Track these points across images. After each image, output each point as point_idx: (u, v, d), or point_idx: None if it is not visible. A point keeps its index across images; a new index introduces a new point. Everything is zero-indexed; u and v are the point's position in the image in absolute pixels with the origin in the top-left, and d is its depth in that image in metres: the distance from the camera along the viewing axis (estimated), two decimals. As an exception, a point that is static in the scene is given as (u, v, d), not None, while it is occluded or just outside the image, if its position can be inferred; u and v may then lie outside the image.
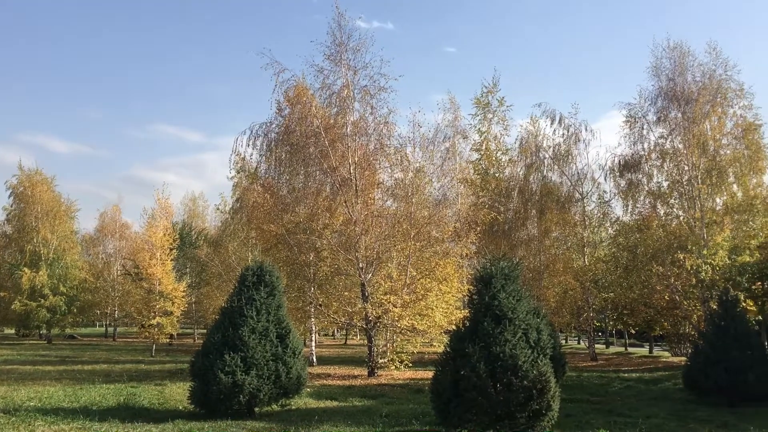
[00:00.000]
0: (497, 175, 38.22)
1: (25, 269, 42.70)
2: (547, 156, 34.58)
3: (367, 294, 22.59)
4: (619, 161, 29.91)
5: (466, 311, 12.53)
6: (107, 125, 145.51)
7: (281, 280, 14.64)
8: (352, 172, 23.44)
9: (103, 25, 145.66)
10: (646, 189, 28.82)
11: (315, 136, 23.77)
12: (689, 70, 27.06)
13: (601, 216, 34.07)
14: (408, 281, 22.37)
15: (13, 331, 54.78)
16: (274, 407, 13.72)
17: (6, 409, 13.36)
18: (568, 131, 34.22)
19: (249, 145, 26.16)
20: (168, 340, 40.17)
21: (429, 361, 23.66)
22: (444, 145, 26.28)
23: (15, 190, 46.08)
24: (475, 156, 40.13)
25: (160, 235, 34.02)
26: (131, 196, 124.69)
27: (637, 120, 28.80)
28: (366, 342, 24.26)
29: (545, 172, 34.58)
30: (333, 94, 24.36)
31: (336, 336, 62.44)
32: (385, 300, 21.77)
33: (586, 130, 34.17)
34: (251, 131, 26.12)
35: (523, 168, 35.30)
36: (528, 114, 44.97)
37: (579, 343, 51.92)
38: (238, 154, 26.80)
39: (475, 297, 11.58)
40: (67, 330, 50.32)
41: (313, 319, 26.51)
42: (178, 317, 35.41)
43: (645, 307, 28.03)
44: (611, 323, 41.34)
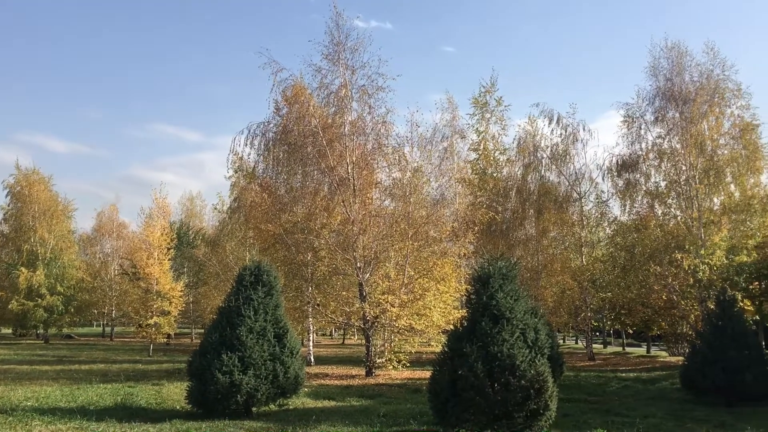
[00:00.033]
0: (495, 174, 38.24)
1: (22, 269, 42.61)
2: (544, 156, 34.60)
3: (364, 294, 22.57)
4: (617, 161, 30.01)
5: (464, 311, 12.52)
6: (106, 125, 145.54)
7: (279, 279, 14.63)
8: (349, 171, 23.43)
9: (103, 25, 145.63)
10: (644, 189, 28.89)
11: (313, 135, 23.76)
12: (687, 70, 27.14)
13: (599, 216, 34.15)
14: (406, 281, 22.35)
15: (10, 330, 54.69)
16: (272, 407, 13.72)
17: (3, 409, 13.33)
18: (566, 131, 34.26)
19: (247, 145, 26.21)
20: (165, 340, 40.10)
21: (427, 360, 23.68)
22: (442, 145, 26.25)
23: (12, 189, 45.96)
24: (473, 156, 40.19)
25: (157, 234, 33.99)
26: (129, 196, 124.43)
27: (634, 120, 28.89)
28: (364, 342, 24.25)
29: (543, 171, 34.60)
30: (331, 93, 24.35)
31: (334, 336, 62.39)
32: (383, 300, 21.74)
33: (584, 129, 34.27)
34: (249, 131, 26.18)
35: (521, 168, 35.31)
36: (526, 114, 44.91)
37: (577, 342, 51.98)
38: (235, 154, 26.83)
39: (472, 297, 11.58)
40: (65, 330, 50.14)
41: (310, 319, 26.48)
42: (175, 317, 35.38)
43: (642, 306, 28.08)
44: (609, 323, 41.38)
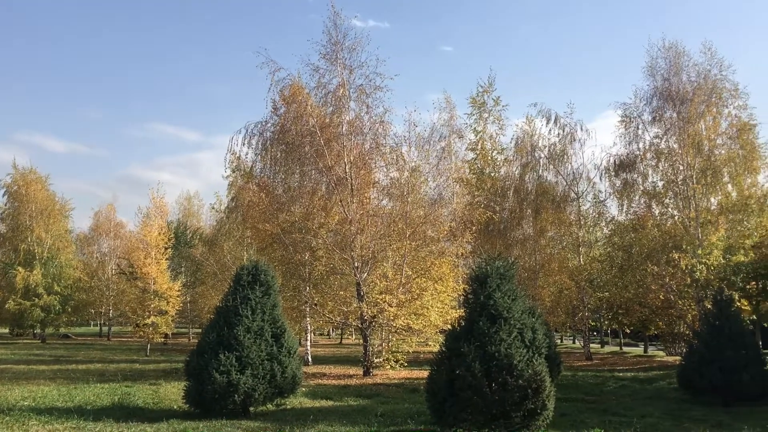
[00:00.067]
0: (493, 174, 38.25)
1: (19, 268, 42.57)
2: (542, 155, 34.60)
3: (362, 293, 22.56)
4: (615, 161, 30.03)
5: (462, 311, 12.52)
6: (104, 125, 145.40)
7: (276, 279, 14.62)
8: (347, 171, 23.41)
9: (103, 25, 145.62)
10: (641, 189, 28.91)
11: (310, 135, 23.73)
12: (684, 70, 27.17)
13: (597, 215, 34.14)
14: (403, 281, 22.36)
15: (7, 330, 54.62)
16: (269, 407, 13.70)
17: (0, 409, 13.30)
18: (564, 131, 34.25)
19: (244, 144, 26.20)
20: (163, 340, 40.13)
21: (424, 360, 23.66)
22: (440, 145, 26.16)
23: (9, 189, 45.89)
24: (470, 155, 40.18)
25: (155, 234, 33.96)
26: (126, 196, 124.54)
27: (632, 120, 28.92)
28: (361, 341, 24.23)
29: (541, 171, 34.59)
30: (329, 93, 24.33)
31: (331, 335, 62.41)
32: (381, 299, 21.73)
33: (582, 129, 34.19)
34: (247, 130, 26.17)
35: (519, 167, 35.32)
36: (524, 114, 44.90)
37: (574, 342, 52.02)
38: (233, 154, 26.83)
39: (470, 296, 11.58)
40: (62, 329, 50.12)
41: (308, 319, 26.46)
42: (172, 316, 35.32)
43: (640, 306, 28.10)
44: (606, 323, 41.40)
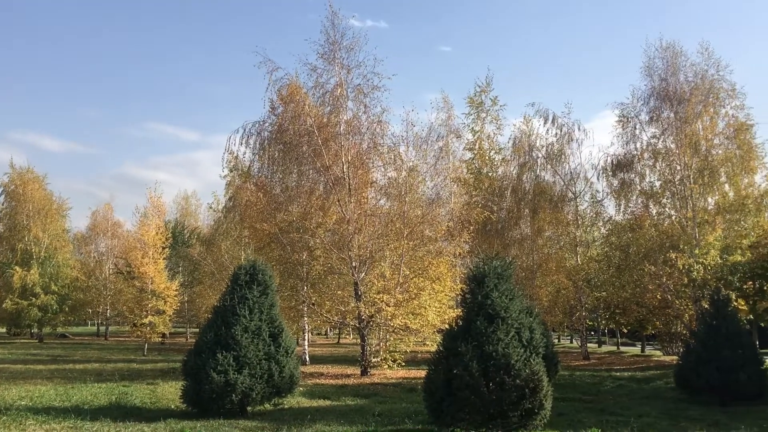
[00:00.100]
0: (490, 174, 38.22)
1: (17, 268, 42.49)
2: (540, 155, 34.63)
3: (360, 293, 22.57)
4: (612, 161, 30.06)
5: (459, 310, 12.53)
6: (102, 124, 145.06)
7: (274, 279, 14.62)
8: (345, 171, 23.42)
9: (102, 25, 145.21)
10: (639, 188, 28.95)
11: (308, 134, 23.74)
12: (681, 70, 27.21)
13: (594, 215, 34.16)
14: (401, 280, 22.37)
15: (4, 329, 54.48)
16: (267, 406, 13.69)
17: (-4, 409, 13.29)
18: (561, 131, 34.29)
19: (242, 144, 26.19)
20: (160, 339, 40.06)
21: (422, 360, 23.66)
22: (437, 144, 26.14)
23: (6, 188, 45.81)
24: (468, 155, 40.12)
25: (152, 233, 33.91)
26: (124, 195, 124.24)
27: (629, 120, 28.95)
28: (359, 341, 24.24)
29: (538, 171, 34.63)
30: (326, 92, 24.35)
31: (329, 335, 62.38)
32: (378, 299, 21.74)
33: (579, 129, 34.26)
34: (244, 130, 26.15)
35: (516, 167, 35.35)
36: (522, 113, 44.93)
37: (571, 342, 52.02)
38: (231, 153, 26.83)
39: (468, 296, 11.58)
40: (59, 329, 50.10)
41: (305, 318, 26.45)
42: (170, 316, 35.28)
43: (637, 306, 28.14)
44: (603, 322, 41.40)
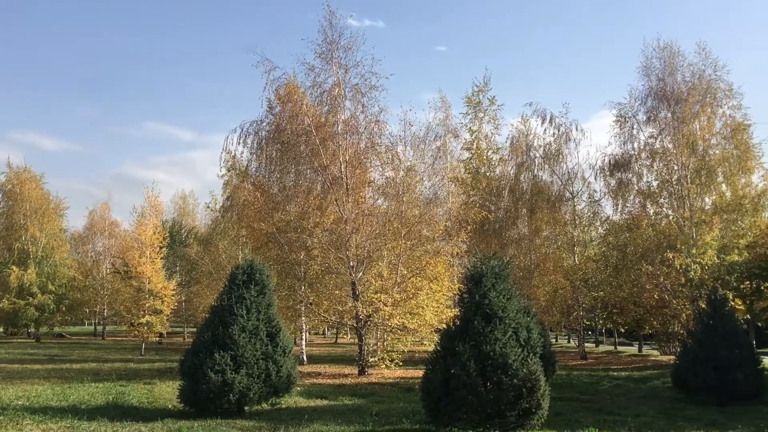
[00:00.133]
0: (488, 174, 38.25)
1: (14, 267, 42.43)
2: (537, 155, 34.65)
3: (357, 293, 22.56)
4: (609, 161, 30.12)
5: (457, 310, 12.54)
6: (99, 123, 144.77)
7: (272, 278, 14.61)
8: (342, 170, 23.41)
9: (101, 24, 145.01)
10: (636, 188, 29.00)
11: (306, 134, 23.73)
12: (679, 70, 27.27)
13: (591, 215, 34.21)
14: (399, 280, 22.36)
15: (1, 329, 54.37)
16: (264, 406, 13.69)
17: (-7, 408, 13.26)
18: (559, 130, 34.30)
19: (240, 144, 26.20)
20: (157, 339, 39.96)
21: (419, 359, 23.68)
22: (435, 144, 26.27)
23: (3, 187, 45.77)
24: (466, 155, 40.13)
25: (149, 233, 33.85)
26: (121, 194, 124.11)
27: (627, 120, 29.00)
28: (356, 341, 24.24)
29: (536, 171, 34.65)
30: (324, 92, 24.35)
31: (326, 335, 62.36)
32: (376, 299, 21.74)
33: (577, 129, 34.30)
34: (242, 129, 26.16)
35: (514, 167, 35.35)
36: (519, 113, 44.91)
37: (569, 341, 52.12)
38: (228, 153, 26.81)
39: (465, 296, 11.59)
40: (56, 328, 49.96)
41: (303, 318, 26.46)
42: (167, 316, 35.28)
43: (634, 305, 28.16)
44: (601, 322, 41.44)
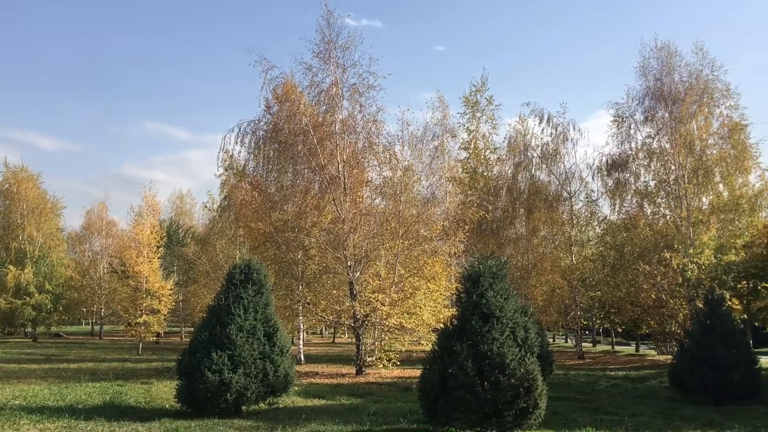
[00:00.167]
0: (485, 173, 38.30)
1: (10, 267, 42.35)
2: (535, 155, 34.68)
3: (355, 292, 22.56)
4: (607, 160, 30.17)
5: (454, 310, 12.54)
6: (97, 123, 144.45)
7: (269, 278, 14.60)
8: (340, 170, 23.40)
9: (100, 24, 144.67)
10: (633, 188, 29.05)
11: (303, 134, 23.71)
12: (676, 70, 27.32)
13: (589, 215, 34.28)
14: (396, 279, 22.36)
15: (-3, 329, 54.35)
16: (262, 406, 13.68)
17: (-10, 408, 13.23)
18: (557, 130, 34.34)
19: (237, 143, 26.15)
20: (155, 339, 39.93)
21: (417, 359, 23.67)
22: (433, 144, 26.17)
23: (0, 187, 45.66)
24: (463, 154, 40.21)
25: (147, 232, 33.83)
26: (118, 194, 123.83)
27: (624, 119, 29.07)
28: (354, 340, 24.23)
29: (533, 170, 34.68)
30: (322, 92, 24.31)
31: (324, 334, 62.33)
32: (374, 298, 21.74)
33: (574, 129, 34.34)
34: (239, 129, 26.10)
35: (512, 167, 35.37)
36: (517, 113, 44.97)
37: (566, 341, 52.16)
38: (226, 152, 26.79)
39: (463, 295, 11.59)
40: (53, 328, 49.93)
41: (301, 318, 26.45)
42: (165, 315, 35.23)
43: (632, 305, 28.18)
44: (598, 322, 41.51)
